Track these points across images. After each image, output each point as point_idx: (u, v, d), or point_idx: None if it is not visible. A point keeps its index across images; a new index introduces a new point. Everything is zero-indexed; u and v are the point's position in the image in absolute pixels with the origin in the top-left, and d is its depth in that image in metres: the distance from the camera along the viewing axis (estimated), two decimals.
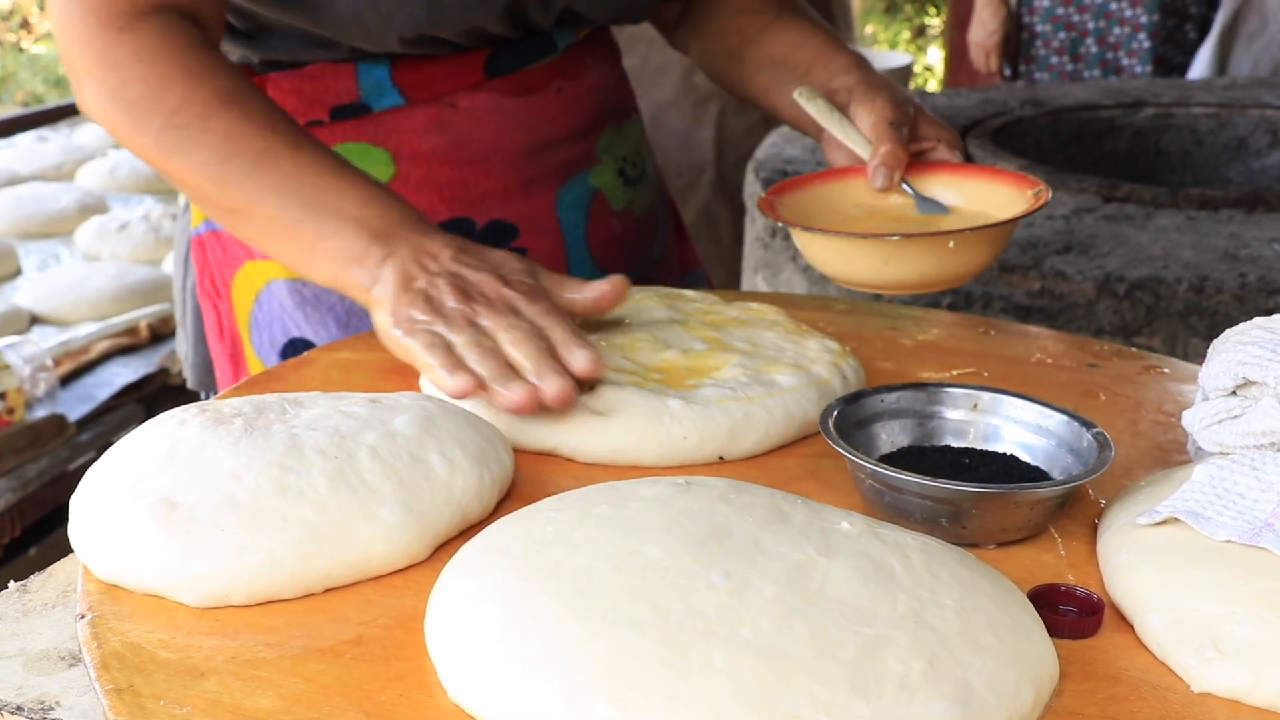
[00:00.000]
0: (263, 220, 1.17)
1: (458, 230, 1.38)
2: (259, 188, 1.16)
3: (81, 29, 1.18)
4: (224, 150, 1.16)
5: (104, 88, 1.18)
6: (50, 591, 0.89)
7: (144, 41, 1.18)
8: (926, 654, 0.71)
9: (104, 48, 1.18)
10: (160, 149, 1.18)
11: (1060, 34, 3.66)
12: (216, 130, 1.16)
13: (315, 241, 1.15)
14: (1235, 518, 0.82)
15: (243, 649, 0.77)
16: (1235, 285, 1.75)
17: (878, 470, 0.90)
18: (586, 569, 0.75)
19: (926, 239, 1.18)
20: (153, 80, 1.17)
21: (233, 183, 1.16)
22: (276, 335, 1.43)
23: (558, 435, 1.02)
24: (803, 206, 1.31)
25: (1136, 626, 0.80)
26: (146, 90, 1.17)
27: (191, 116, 1.16)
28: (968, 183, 1.33)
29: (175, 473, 0.86)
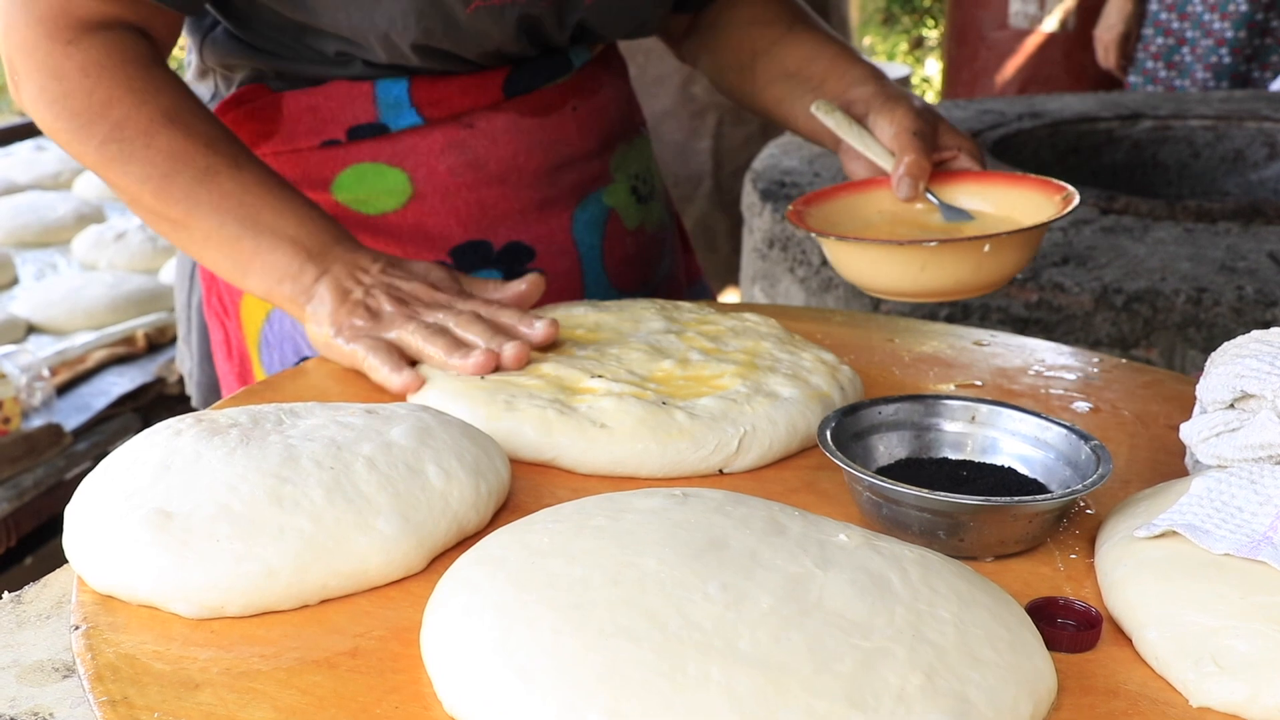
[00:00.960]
0: (200, 234, 1.21)
1: (475, 253, 1.40)
2: (200, 204, 1.19)
3: (26, 35, 1.19)
4: (166, 166, 1.19)
5: (45, 95, 1.20)
6: (45, 602, 0.89)
7: (90, 56, 1.19)
8: (924, 667, 0.70)
9: (48, 57, 1.19)
10: (101, 160, 1.20)
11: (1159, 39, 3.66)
12: (159, 147, 1.19)
13: (252, 257, 1.19)
14: (1233, 531, 0.82)
15: (238, 661, 0.77)
16: (1233, 297, 1.75)
17: (875, 482, 0.90)
18: (583, 581, 0.75)
19: (962, 244, 1.17)
20: (97, 95, 1.19)
21: (173, 198, 1.19)
22: (288, 354, 1.43)
23: (556, 446, 1.02)
24: (828, 217, 1.30)
25: (1135, 640, 0.80)
26: (90, 103, 1.19)
27: (135, 133, 1.19)
28: (993, 190, 1.32)
29: (170, 483, 0.86)
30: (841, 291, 2.04)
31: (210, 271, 1.45)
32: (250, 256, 1.20)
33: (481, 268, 1.40)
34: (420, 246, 1.38)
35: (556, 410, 1.03)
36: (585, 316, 1.23)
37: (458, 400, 1.07)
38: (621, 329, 1.20)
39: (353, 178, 1.37)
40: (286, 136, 1.37)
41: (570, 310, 1.25)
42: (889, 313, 1.91)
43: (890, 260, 1.19)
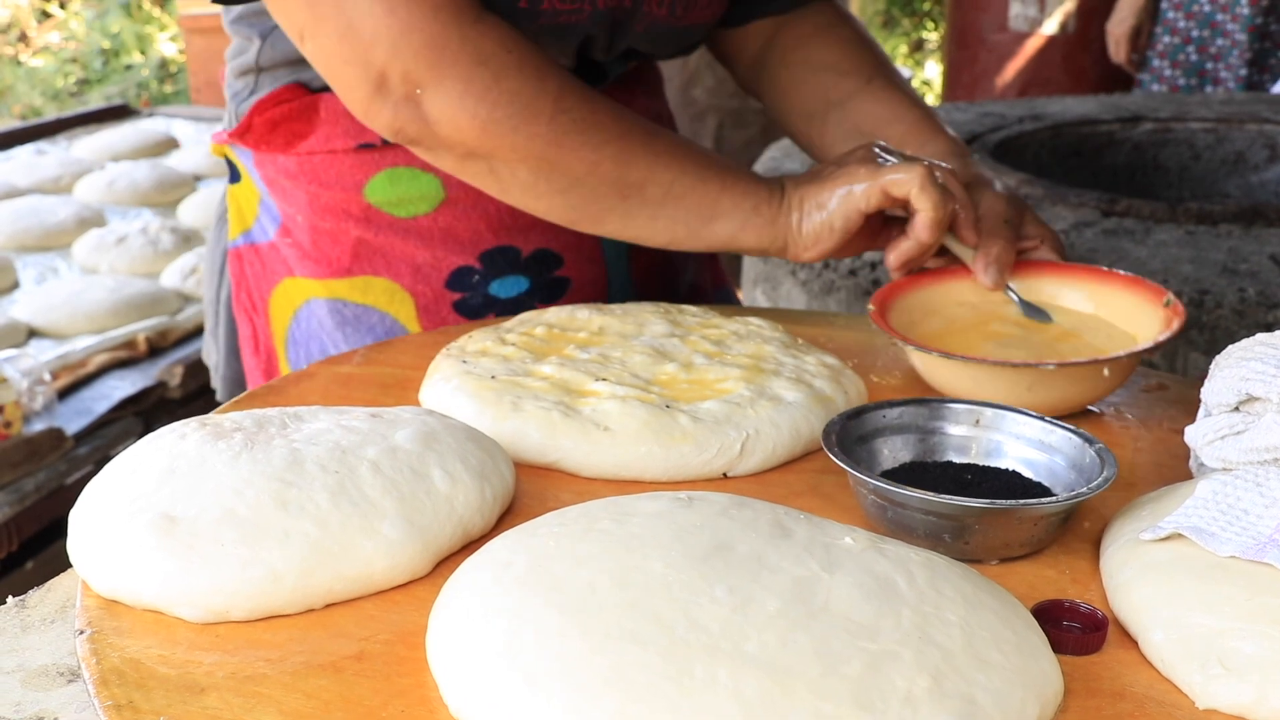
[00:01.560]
0: (660, 190, 1.20)
1: (503, 258, 1.40)
2: (658, 158, 1.19)
3: (430, 31, 1.13)
4: (617, 129, 1.18)
5: (474, 86, 1.14)
6: (49, 607, 0.89)
7: (502, 31, 1.16)
8: (931, 670, 0.70)
9: (465, 44, 1.14)
10: (554, 133, 1.16)
11: (1166, 38, 3.66)
12: (603, 110, 1.18)
13: (719, 197, 1.20)
14: (1239, 533, 0.82)
15: (243, 665, 0.77)
16: (1235, 300, 1.75)
17: (881, 486, 0.90)
18: (589, 584, 0.75)
19: (1078, 367, 1.10)
20: (528, 68, 1.15)
21: (634, 158, 1.18)
22: (314, 353, 1.43)
23: (560, 449, 1.02)
24: (907, 314, 1.23)
25: (1141, 643, 0.80)
26: (525, 77, 1.15)
27: (575, 99, 1.17)
28: (1078, 285, 1.26)
29: (175, 488, 0.85)
30: (844, 294, 2.04)
31: (240, 268, 1.46)
32: (717, 197, 1.20)
33: (509, 273, 1.40)
34: (450, 250, 1.39)
35: (561, 412, 1.03)
36: (589, 320, 1.23)
37: (464, 400, 1.07)
38: (625, 332, 1.20)
39: (386, 181, 1.37)
40: (323, 138, 1.37)
41: (574, 313, 1.25)
42: None
43: (996, 378, 1.11)
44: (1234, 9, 3.52)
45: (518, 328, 1.22)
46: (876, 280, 1.97)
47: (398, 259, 1.39)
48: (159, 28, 9.13)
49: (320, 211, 1.38)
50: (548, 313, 1.26)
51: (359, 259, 1.39)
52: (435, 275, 1.40)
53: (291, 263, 1.42)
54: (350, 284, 1.40)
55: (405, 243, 1.38)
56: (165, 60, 8.92)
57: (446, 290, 1.40)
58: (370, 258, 1.39)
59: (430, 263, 1.39)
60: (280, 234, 1.43)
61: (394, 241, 1.38)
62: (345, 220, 1.38)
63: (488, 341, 1.17)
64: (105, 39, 8.94)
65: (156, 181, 4.03)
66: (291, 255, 1.42)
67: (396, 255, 1.39)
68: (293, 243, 1.42)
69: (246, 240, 1.47)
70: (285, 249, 1.42)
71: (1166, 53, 3.66)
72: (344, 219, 1.38)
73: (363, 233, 1.38)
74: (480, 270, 1.40)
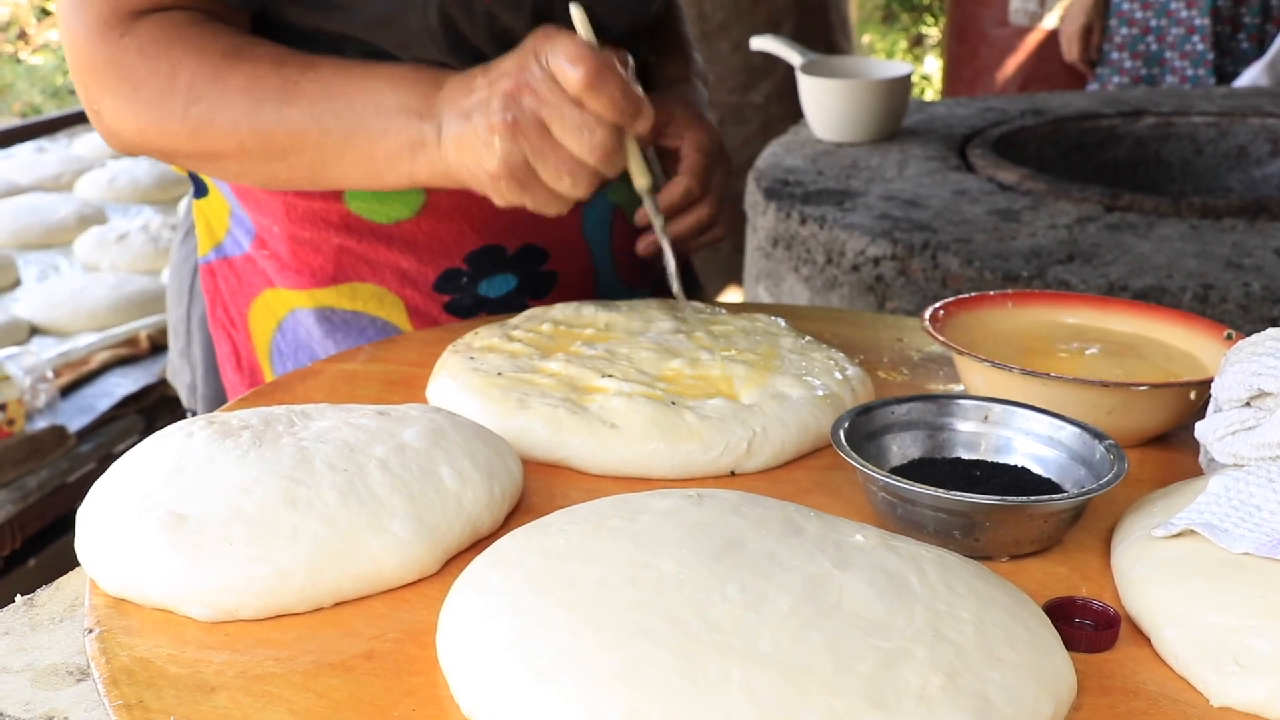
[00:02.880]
0: (314, 151, 1.15)
1: (489, 258, 1.39)
2: (295, 121, 1.14)
3: (85, 52, 1.16)
4: (246, 104, 1.14)
5: (118, 99, 1.16)
6: (57, 605, 0.89)
7: (144, 37, 1.15)
8: (945, 667, 0.70)
9: (108, 57, 1.16)
10: (188, 130, 1.15)
11: (1124, 30, 3.66)
12: (233, 86, 1.14)
13: (373, 150, 1.14)
14: (1252, 530, 0.82)
15: (253, 664, 0.77)
16: (1239, 294, 1.75)
17: (891, 483, 0.90)
18: (601, 582, 0.75)
19: (1164, 390, 1.06)
20: (161, 68, 1.15)
21: (269, 129, 1.14)
22: (304, 362, 1.40)
23: (567, 447, 1.02)
24: (953, 334, 1.17)
25: (1154, 640, 0.79)
26: (158, 82, 1.15)
27: (205, 85, 1.14)
28: (1138, 319, 1.21)
29: (183, 486, 0.85)
30: (846, 290, 2.04)
31: (213, 284, 1.44)
32: (370, 150, 1.14)
33: (496, 272, 1.39)
34: (435, 254, 1.37)
35: (568, 410, 1.03)
36: (595, 316, 1.23)
37: (470, 397, 1.07)
38: (631, 328, 1.20)
39: None
40: None
41: (580, 310, 1.24)
42: (895, 311, 1.91)
43: (1078, 400, 1.06)
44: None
45: (524, 324, 1.21)
46: (879, 276, 1.97)
47: (383, 265, 1.37)
48: None
49: (298, 221, 1.36)
50: (554, 309, 1.26)
51: (343, 266, 1.37)
52: (422, 279, 1.38)
53: (270, 274, 1.39)
54: (337, 291, 1.38)
55: (389, 249, 1.36)
56: None
57: (435, 293, 1.39)
58: (355, 265, 1.37)
59: (416, 267, 1.37)
60: (255, 246, 1.40)
61: (378, 248, 1.36)
62: (325, 229, 1.36)
63: (494, 338, 1.17)
64: None
65: (157, 179, 4.02)
66: (270, 267, 1.39)
67: (381, 261, 1.37)
68: (270, 254, 1.39)
69: (219, 255, 1.44)
70: (262, 261, 1.40)
71: (1125, 44, 3.66)
72: (324, 227, 1.36)
73: (344, 240, 1.36)
74: (468, 272, 1.39)
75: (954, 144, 2.56)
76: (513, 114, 1.06)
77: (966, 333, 1.18)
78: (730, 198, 1.67)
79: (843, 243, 2.05)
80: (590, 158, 1.06)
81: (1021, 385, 1.07)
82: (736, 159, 3.92)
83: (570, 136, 1.06)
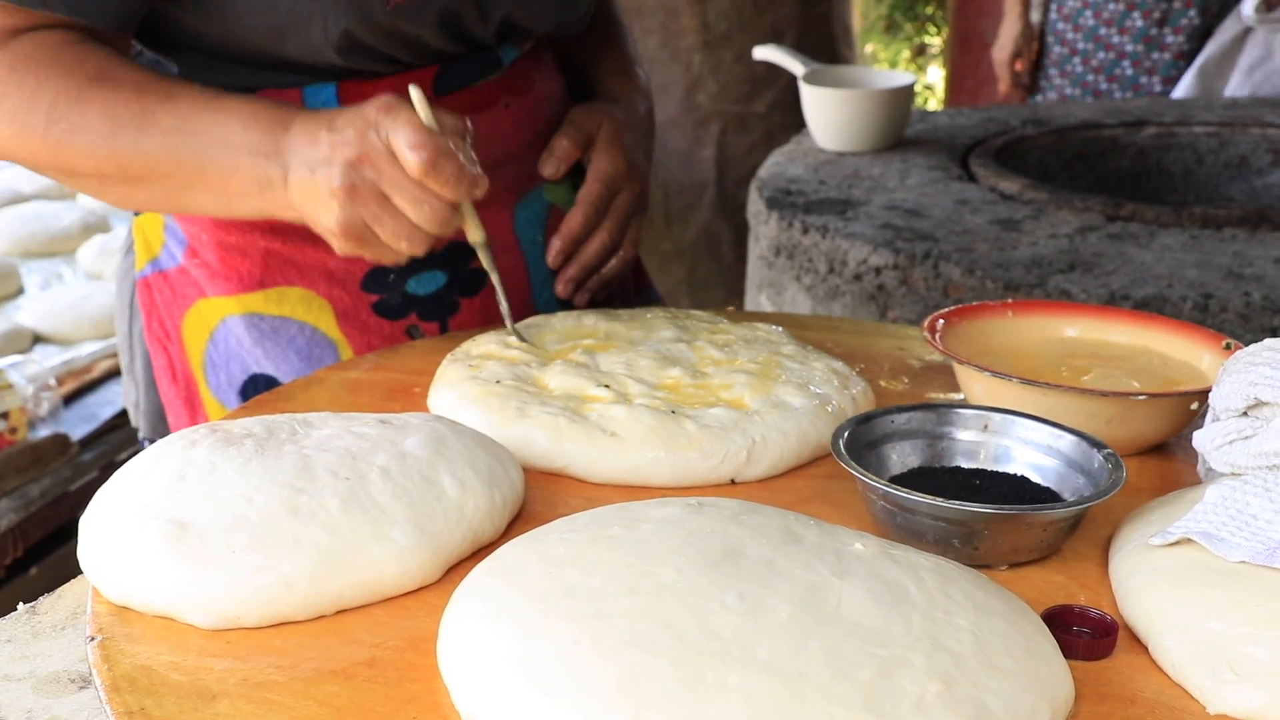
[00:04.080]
0: (168, 182, 1.17)
1: None
2: (150, 151, 1.16)
3: None
4: (105, 128, 1.16)
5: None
6: (60, 613, 0.89)
7: (18, 53, 1.17)
8: (942, 675, 0.70)
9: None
10: (48, 147, 1.17)
11: (1057, 48, 3.67)
12: (93, 110, 1.16)
13: (224, 185, 1.16)
14: (1249, 539, 0.82)
15: (254, 671, 0.77)
16: (1240, 304, 1.75)
17: (890, 491, 0.90)
18: (601, 590, 0.75)
19: (1164, 399, 1.06)
20: (27, 85, 1.16)
21: (125, 154, 1.16)
22: (235, 373, 1.40)
23: (567, 455, 1.02)
24: (954, 345, 1.17)
25: (1151, 648, 0.80)
26: (22, 96, 1.16)
27: (68, 106, 1.16)
28: (1137, 329, 1.22)
29: (186, 494, 0.86)
30: (848, 299, 2.05)
31: (149, 298, 1.43)
32: (221, 184, 1.16)
33: (424, 268, 1.38)
34: None
35: (568, 418, 1.04)
36: (596, 325, 1.23)
37: (470, 406, 1.07)
38: (632, 337, 1.20)
39: None
40: None
41: (581, 318, 1.25)
42: (897, 320, 1.92)
43: (1076, 409, 1.05)
44: (1122, 22, 3.53)
45: (524, 332, 1.22)
46: (881, 285, 1.98)
47: (310, 266, 1.36)
48: None
49: (225, 226, 1.35)
50: (554, 317, 1.26)
51: (270, 270, 1.36)
52: (349, 279, 1.37)
53: (202, 283, 1.39)
54: (265, 296, 1.37)
55: (315, 248, 1.34)
56: None
57: (363, 293, 1.38)
58: (282, 268, 1.36)
59: (343, 266, 1.36)
60: (188, 256, 1.39)
61: (304, 249, 1.35)
62: (251, 233, 1.35)
63: (493, 346, 1.18)
64: None
65: None
66: (201, 276, 1.39)
67: (308, 262, 1.36)
68: (200, 263, 1.38)
69: (154, 269, 1.43)
70: (194, 270, 1.39)
71: (1058, 62, 3.67)
72: (250, 231, 1.35)
73: (270, 243, 1.35)
74: (394, 269, 1.37)
75: (956, 153, 2.56)
76: (352, 181, 1.10)
77: (967, 342, 1.18)
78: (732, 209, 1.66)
79: (845, 252, 2.05)
80: (427, 226, 1.11)
81: (1021, 394, 1.07)
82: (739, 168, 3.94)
83: (408, 206, 1.11)
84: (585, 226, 1.40)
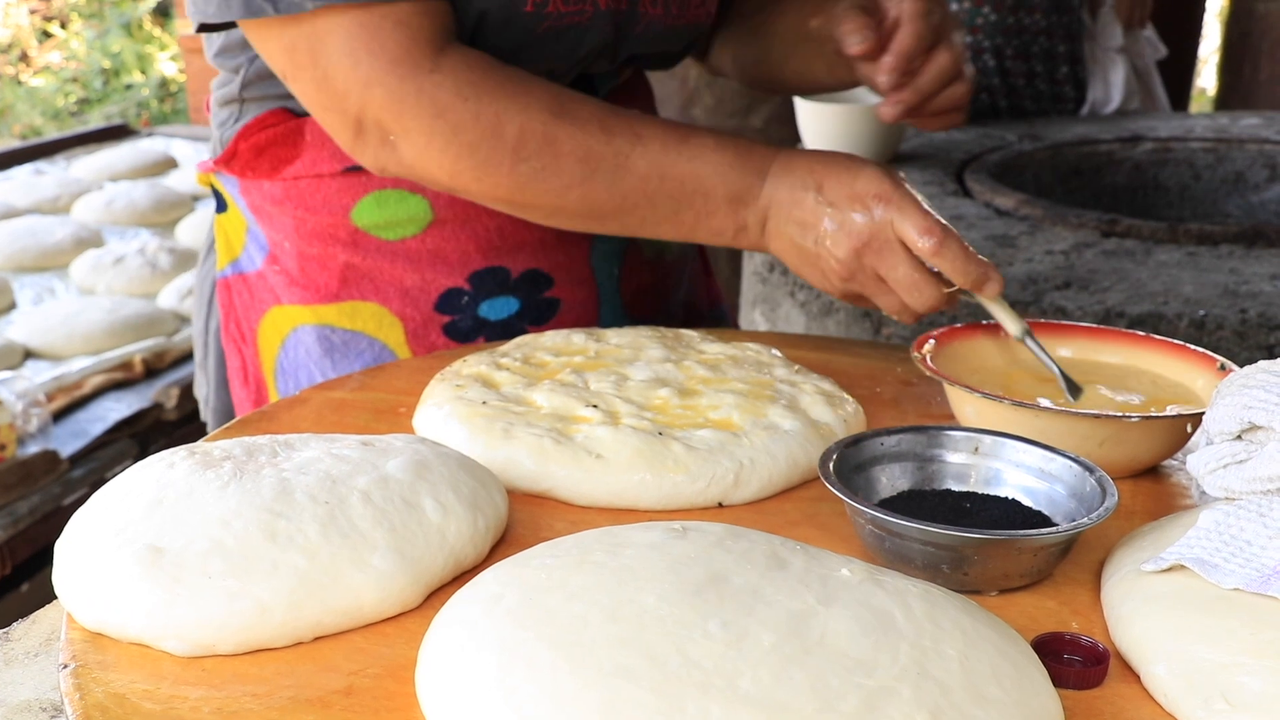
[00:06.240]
0: (635, 220, 1.22)
1: (493, 278, 1.39)
2: (627, 195, 1.19)
3: (389, 85, 1.15)
4: (580, 172, 1.18)
5: (437, 139, 1.16)
6: (33, 640, 0.87)
7: (459, 78, 1.16)
8: (929, 706, 0.69)
9: (419, 96, 1.15)
10: (516, 184, 1.19)
11: None
12: (566, 153, 1.18)
13: (695, 224, 1.22)
14: (1243, 565, 0.81)
15: (229, 699, 0.76)
16: (1236, 321, 1.74)
17: (878, 515, 0.88)
18: (582, 618, 0.74)
19: (1157, 421, 1.04)
20: (485, 117, 1.16)
21: (600, 197, 1.20)
22: (302, 382, 1.42)
23: (553, 477, 1.01)
24: (944, 365, 1.16)
25: (1143, 676, 0.78)
26: (481, 128, 1.16)
27: (537, 145, 1.17)
28: (1130, 350, 1.20)
29: (162, 518, 0.84)
30: (843, 316, 2.03)
31: (229, 298, 1.45)
32: (693, 225, 1.22)
33: (498, 294, 1.39)
34: (438, 272, 1.38)
35: (553, 439, 1.02)
36: (586, 344, 1.22)
37: (456, 426, 1.06)
38: (621, 357, 1.19)
39: (373, 204, 1.36)
40: (309, 162, 1.36)
41: (570, 338, 1.24)
42: (891, 338, 1.90)
43: (1069, 431, 1.04)
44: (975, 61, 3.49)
45: (513, 352, 1.21)
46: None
47: (386, 283, 1.38)
48: (159, 47, 9.14)
49: (307, 237, 1.37)
50: (544, 337, 1.25)
51: (347, 284, 1.38)
52: (424, 298, 1.39)
53: (279, 290, 1.41)
54: (339, 309, 1.39)
55: (394, 266, 1.37)
56: (165, 79, 8.93)
57: (436, 313, 1.39)
58: (358, 282, 1.38)
59: (419, 285, 1.38)
60: (268, 262, 1.41)
61: (382, 265, 1.37)
62: (333, 245, 1.37)
63: (482, 366, 1.16)
64: (106, 58, 8.94)
65: (154, 201, 4.02)
66: (279, 283, 1.41)
67: (385, 279, 1.38)
68: (280, 270, 1.40)
69: (235, 270, 1.45)
70: (273, 277, 1.41)
71: None
72: (331, 243, 1.37)
73: (350, 257, 1.37)
74: (469, 292, 1.39)
75: (952, 169, 2.56)
76: (854, 267, 1.18)
77: (959, 362, 1.17)
78: None
79: None
80: (920, 309, 1.17)
81: (1012, 416, 1.05)
82: None
83: (904, 291, 1.16)
84: (918, 42, 1.30)
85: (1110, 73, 3.23)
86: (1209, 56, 6.70)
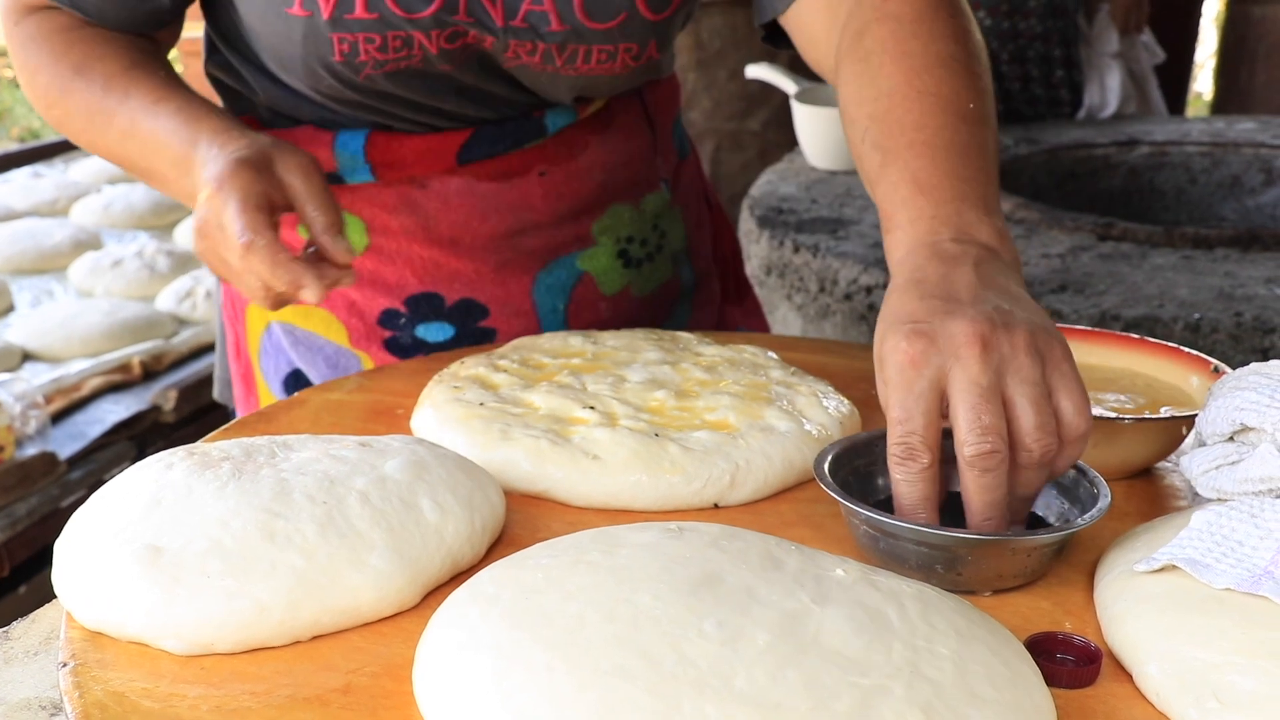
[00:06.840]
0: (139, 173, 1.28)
1: (428, 304, 1.40)
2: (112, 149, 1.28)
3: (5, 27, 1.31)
4: (81, 124, 1.28)
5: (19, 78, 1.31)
6: (33, 639, 0.88)
7: (27, 31, 1.30)
8: (923, 705, 0.69)
9: (9, 39, 1.29)
10: (58, 128, 1.32)
11: None
12: (73, 104, 1.28)
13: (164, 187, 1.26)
14: (1234, 565, 0.81)
15: (227, 698, 0.76)
16: (1231, 324, 1.74)
17: (872, 516, 0.89)
18: (578, 618, 0.74)
19: (1156, 423, 1.05)
20: (29, 67, 1.29)
21: (98, 149, 1.29)
22: (281, 365, 1.45)
23: (549, 478, 1.01)
24: None
25: (1135, 676, 0.79)
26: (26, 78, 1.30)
27: (57, 95, 1.28)
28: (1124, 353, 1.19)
29: (161, 518, 0.85)
30: (839, 318, 2.04)
31: None
32: (163, 186, 1.26)
33: (434, 319, 1.41)
34: (377, 291, 1.40)
35: (550, 441, 1.03)
36: (583, 346, 1.22)
37: (453, 428, 1.06)
38: (618, 359, 1.19)
39: None
40: None
41: (568, 340, 1.24)
42: None
43: None
44: None
45: (511, 354, 1.21)
46: (872, 305, 1.97)
47: (335, 293, 1.38)
48: None
49: None
50: (541, 339, 1.26)
51: None
52: (367, 312, 1.41)
53: None
54: (294, 310, 1.42)
55: None
56: None
57: (378, 327, 1.41)
58: None
59: (361, 300, 1.40)
60: None
61: None
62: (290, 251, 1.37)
63: (480, 368, 1.17)
64: None
65: (153, 204, 4.02)
66: None
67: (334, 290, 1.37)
68: None
69: None
70: None
71: None
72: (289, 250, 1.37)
73: None
74: (406, 314, 1.41)
75: None
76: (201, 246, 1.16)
77: None
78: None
79: (835, 271, 2.04)
80: (252, 298, 1.15)
81: None
82: (733, 185, 3.92)
83: (234, 280, 1.15)
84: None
85: (1106, 78, 3.24)
86: (1205, 61, 6.70)
